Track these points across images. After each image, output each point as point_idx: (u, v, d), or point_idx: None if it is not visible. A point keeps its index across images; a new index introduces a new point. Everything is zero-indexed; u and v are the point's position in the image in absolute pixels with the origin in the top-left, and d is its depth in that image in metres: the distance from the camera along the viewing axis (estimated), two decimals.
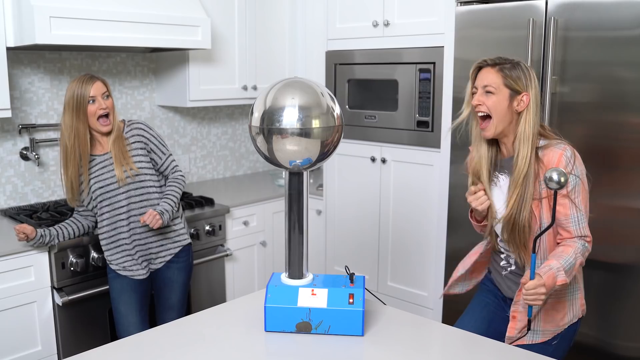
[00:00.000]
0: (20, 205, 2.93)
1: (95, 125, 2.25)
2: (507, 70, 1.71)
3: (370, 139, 3.15)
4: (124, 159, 2.28)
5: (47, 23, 2.39)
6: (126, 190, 2.31)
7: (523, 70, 1.72)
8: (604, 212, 2.26)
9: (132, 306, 2.36)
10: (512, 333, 1.78)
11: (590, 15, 2.23)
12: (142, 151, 2.35)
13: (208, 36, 2.97)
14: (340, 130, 1.62)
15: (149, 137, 2.38)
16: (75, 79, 2.24)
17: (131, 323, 2.35)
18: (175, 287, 2.46)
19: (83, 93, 2.19)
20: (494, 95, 1.71)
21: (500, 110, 1.71)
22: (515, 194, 1.72)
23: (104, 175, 2.30)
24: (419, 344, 1.59)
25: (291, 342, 1.59)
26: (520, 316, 1.78)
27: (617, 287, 2.30)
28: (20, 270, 2.36)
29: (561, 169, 1.54)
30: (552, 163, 1.68)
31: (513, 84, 1.70)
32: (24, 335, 2.40)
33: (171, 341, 1.60)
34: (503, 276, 1.90)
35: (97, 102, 2.22)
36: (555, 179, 1.53)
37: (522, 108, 1.71)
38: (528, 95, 1.71)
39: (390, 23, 2.97)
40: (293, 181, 1.66)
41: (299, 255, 1.69)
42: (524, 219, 1.71)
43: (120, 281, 2.36)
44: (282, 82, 1.62)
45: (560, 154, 1.68)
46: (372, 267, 3.25)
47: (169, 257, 2.42)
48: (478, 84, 1.75)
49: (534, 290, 1.58)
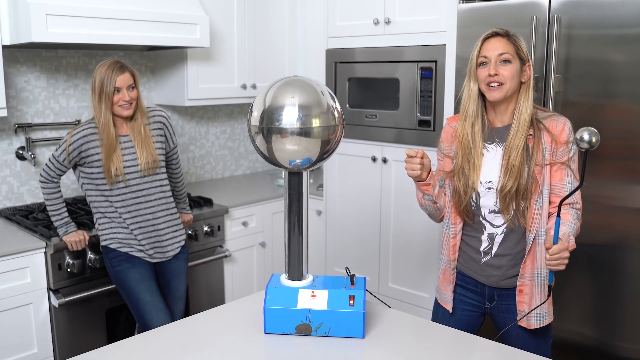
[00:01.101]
0: (16, 205, 2.93)
1: (116, 110, 2.31)
2: (516, 39, 1.77)
3: (371, 138, 3.15)
4: (147, 146, 2.37)
5: (43, 21, 2.38)
6: (143, 175, 2.39)
7: (522, 41, 1.79)
8: (607, 212, 2.26)
9: (155, 292, 2.40)
10: (522, 307, 1.83)
11: (594, 12, 2.23)
12: (161, 137, 2.47)
13: (207, 34, 2.97)
14: (341, 130, 1.62)
15: (167, 125, 2.51)
16: (106, 63, 2.29)
17: (159, 309, 2.38)
18: (182, 278, 2.55)
19: (109, 83, 2.26)
20: (511, 63, 1.75)
21: (515, 79, 1.77)
22: (514, 160, 1.75)
23: (125, 157, 2.35)
24: (420, 347, 1.58)
25: (291, 345, 1.59)
26: (527, 289, 1.82)
27: (618, 289, 2.30)
28: (16, 272, 2.36)
29: (593, 129, 1.55)
30: (558, 130, 1.76)
31: (522, 54, 1.77)
32: (20, 338, 2.40)
33: (169, 344, 1.59)
34: (482, 264, 1.89)
35: (121, 92, 2.29)
36: (587, 138, 1.54)
37: (527, 78, 1.78)
38: (529, 65, 1.78)
39: (391, 21, 2.96)
40: (293, 181, 1.66)
41: (299, 256, 1.69)
42: (526, 183, 1.75)
43: (137, 270, 2.38)
44: (281, 80, 1.61)
45: (564, 123, 1.77)
46: (373, 268, 3.24)
47: (178, 249, 2.50)
48: (491, 54, 1.76)
49: (558, 255, 1.61)
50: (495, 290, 1.89)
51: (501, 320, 1.91)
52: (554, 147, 1.76)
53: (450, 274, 1.95)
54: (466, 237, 1.92)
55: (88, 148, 2.31)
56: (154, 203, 2.42)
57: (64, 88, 3.04)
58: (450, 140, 1.92)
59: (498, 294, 1.89)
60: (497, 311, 1.91)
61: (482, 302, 1.93)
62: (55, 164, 2.36)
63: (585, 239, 1.86)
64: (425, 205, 1.94)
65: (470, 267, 1.92)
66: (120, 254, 2.38)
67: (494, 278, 1.87)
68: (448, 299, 1.97)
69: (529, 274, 1.82)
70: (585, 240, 1.85)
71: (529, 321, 1.83)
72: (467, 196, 1.84)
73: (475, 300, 1.94)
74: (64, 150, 2.32)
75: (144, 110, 2.42)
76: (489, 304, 1.92)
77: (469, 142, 1.82)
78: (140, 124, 2.37)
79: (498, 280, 1.87)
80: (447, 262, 1.96)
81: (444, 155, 1.95)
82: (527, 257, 1.81)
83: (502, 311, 1.90)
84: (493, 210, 1.83)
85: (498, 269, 1.86)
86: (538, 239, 1.80)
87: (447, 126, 1.96)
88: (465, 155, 1.83)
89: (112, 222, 2.38)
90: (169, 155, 2.56)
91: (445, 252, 1.97)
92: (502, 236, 1.84)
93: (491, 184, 1.82)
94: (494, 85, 1.76)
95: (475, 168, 1.82)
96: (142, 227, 2.39)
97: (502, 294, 1.88)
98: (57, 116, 3.03)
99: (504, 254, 1.85)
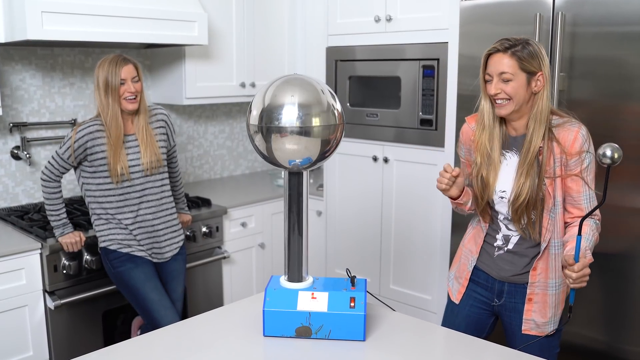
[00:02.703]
0: (11, 206, 2.93)
1: (122, 104, 2.33)
2: (520, 53, 1.71)
3: (372, 137, 3.15)
4: (151, 144, 2.39)
5: (38, 18, 2.39)
6: (146, 175, 2.40)
7: (534, 49, 1.72)
8: (613, 214, 2.26)
9: (161, 290, 2.42)
10: (530, 315, 1.84)
11: (599, 10, 2.23)
12: (164, 136, 2.49)
13: (205, 31, 2.97)
14: (341, 129, 1.62)
15: (168, 123, 2.54)
16: (108, 58, 2.31)
17: (167, 307, 2.40)
18: (181, 279, 2.57)
19: (115, 75, 2.29)
20: (512, 81, 1.72)
21: (520, 94, 1.73)
22: (526, 171, 1.75)
23: (129, 156, 2.36)
24: (422, 349, 1.59)
25: (290, 347, 1.59)
26: (537, 298, 1.83)
27: (627, 292, 2.30)
28: (11, 273, 2.37)
29: (615, 145, 1.54)
30: (569, 141, 1.72)
31: (529, 66, 1.71)
32: (15, 340, 2.40)
33: (167, 347, 1.60)
34: (495, 257, 1.91)
35: (126, 84, 2.31)
36: (609, 154, 1.54)
37: (540, 88, 1.73)
38: (542, 74, 1.72)
39: (392, 18, 2.97)
40: (292, 181, 1.66)
41: (299, 258, 1.69)
42: (536, 196, 1.75)
43: (142, 270, 2.40)
44: (281, 79, 1.61)
45: (577, 132, 1.73)
46: (374, 269, 3.25)
47: (176, 250, 2.52)
48: (492, 72, 1.74)
49: (581, 272, 1.59)
50: (504, 285, 1.90)
51: (507, 320, 1.92)
52: (564, 159, 1.74)
53: (468, 269, 1.97)
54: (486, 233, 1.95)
55: (93, 145, 2.32)
56: (155, 203, 2.43)
57: (59, 87, 3.04)
58: (469, 144, 1.92)
59: (507, 289, 1.90)
60: (505, 309, 1.92)
61: (490, 298, 1.94)
62: (59, 162, 2.36)
63: None
64: (457, 210, 1.98)
65: (483, 260, 1.95)
66: (121, 254, 2.38)
67: (505, 272, 1.89)
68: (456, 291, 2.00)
69: (541, 282, 1.83)
70: None
71: (541, 329, 1.84)
72: (483, 201, 1.86)
73: (484, 297, 1.95)
74: (69, 147, 2.32)
75: (147, 108, 2.43)
76: (497, 301, 1.93)
77: (487, 150, 1.83)
78: (143, 122, 2.38)
79: (509, 274, 1.88)
80: (467, 256, 1.98)
81: (464, 157, 1.97)
82: (537, 263, 1.82)
83: (509, 309, 1.91)
84: (506, 217, 1.86)
85: (511, 263, 1.88)
86: (551, 249, 1.80)
87: (466, 126, 1.94)
88: (484, 162, 1.84)
89: (109, 222, 2.38)
90: (169, 154, 2.57)
91: (469, 246, 1.99)
92: (517, 238, 1.87)
93: (504, 193, 1.83)
94: (499, 102, 1.75)
95: (492, 176, 1.83)
96: (142, 227, 2.40)
97: (511, 290, 1.90)
98: (52, 115, 3.03)
99: (517, 252, 1.87)
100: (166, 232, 2.47)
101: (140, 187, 2.38)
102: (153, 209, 2.42)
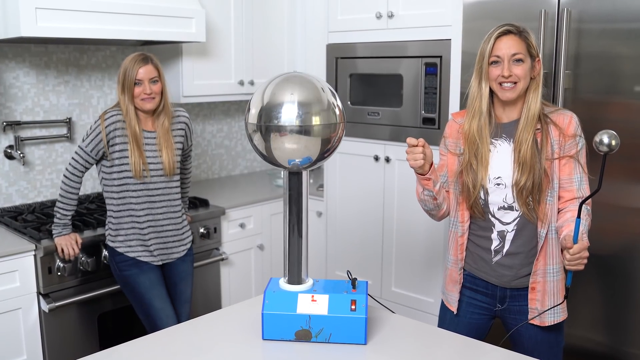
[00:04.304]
0: (5, 206, 2.93)
1: (138, 103, 2.35)
2: (528, 37, 1.80)
3: (374, 136, 3.15)
4: (171, 148, 2.43)
5: (32, 15, 2.39)
6: (165, 174, 2.43)
7: (532, 36, 1.82)
8: (617, 215, 2.26)
9: (165, 298, 2.45)
10: (534, 304, 1.85)
11: (605, 6, 2.23)
12: (182, 138, 2.53)
13: (202, 28, 2.97)
14: (342, 128, 1.62)
15: (189, 125, 2.58)
16: (132, 55, 2.35)
17: (169, 316, 2.43)
18: (189, 281, 2.59)
19: (131, 74, 2.31)
20: (524, 62, 1.78)
21: (528, 77, 1.80)
22: (525, 154, 1.78)
23: (147, 154, 2.39)
24: (424, 353, 1.59)
25: (290, 351, 1.59)
26: (539, 286, 1.84)
27: (629, 294, 2.30)
28: (4, 275, 2.37)
29: (612, 132, 1.54)
30: (565, 124, 1.80)
31: (532, 50, 1.80)
32: (9, 344, 2.40)
33: (164, 350, 1.60)
34: (493, 264, 1.90)
35: (143, 85, 2.33)
36: (606, 141, 1.54)
37: (537, 73, 1.81)
38: (539, 59, 1.82)
39: (394, 14, 2.97)
40: (292, 181, 1.66)
41: (298, 260, 1.69)
42: (539, 179, 1.78)
43: (147, 276, 2.42)
44: (280, 76, 1.62)
45: (570, 117, 1.82)
46: (376, 272, 3.25)
47: (184, 251, 2.54)
48: (504, 54, 1.78)
49: (578, 254, 1.63)
50: (507, 290, 1.90)
51: (512, 322, 1.92)
52: (562, 140, 1.80)
53: (457, 274, 1.97)
54: (474, 237, 1.93)
55: (115, 136, 2.35)
56: (167, 204, 2.47)
57: (54, 84, 3.04)
58: (456, 136, 1.94)
59: (510, 294, 1.90)
60: (509, 313, 1.92)
61: (492, 304, 1.94)
62: (83, 156, 2.38)
63: (595, 242, 1.87)
64: (425, 200, 1.96)
65: (480, 268, 1.94)
66: (127, 258, 2.41)
67: (505, 278, 1.89)
68: (454, 300, 1.99)
69: (541, 270, 1.85)
70: (595, 243, 1.86)
71: (542, 319, 1.85)
72: (476, 191, 1.87)
73: (485, 303, 1.95)
74: (99, 134, 2.34)
75: (170, 112, 2.45)
76: (500, 306, 1.93)
77: (476, 138, 1.85)
78: (167, 124, 2.41)
79: (510, 280, 1.88)
80: (454, 262, 1.97)
81: (447, 152, 1.97)
82: (540, 253, 1.84)
83: (514, 312, 1.91)
84: (502, 206, 1.86)
85: (510, 268, 1.88)
86: (550, 234, 1.82)
87: (452, 121, 1.97)
88: (472, 151, 1.86)
89: (121, 220, 2.41)
90: (185, 152, 2.62)
91: (452, 252, 1.98)
92: (512, 233, 1.86)
93: (500, 179, 1.84)
94: (507, 85, 1.78)
95: (483, 164, 1.85)
96: (152, 226, 2.43)
97: (514, 295, 1.90)
98: (47, 114, 3.03)
99: (516, 252, 1.87)
100: (175, 233, 2.50)
101: (154, 185, 2.42)
102: (165, 209, 2.46)
